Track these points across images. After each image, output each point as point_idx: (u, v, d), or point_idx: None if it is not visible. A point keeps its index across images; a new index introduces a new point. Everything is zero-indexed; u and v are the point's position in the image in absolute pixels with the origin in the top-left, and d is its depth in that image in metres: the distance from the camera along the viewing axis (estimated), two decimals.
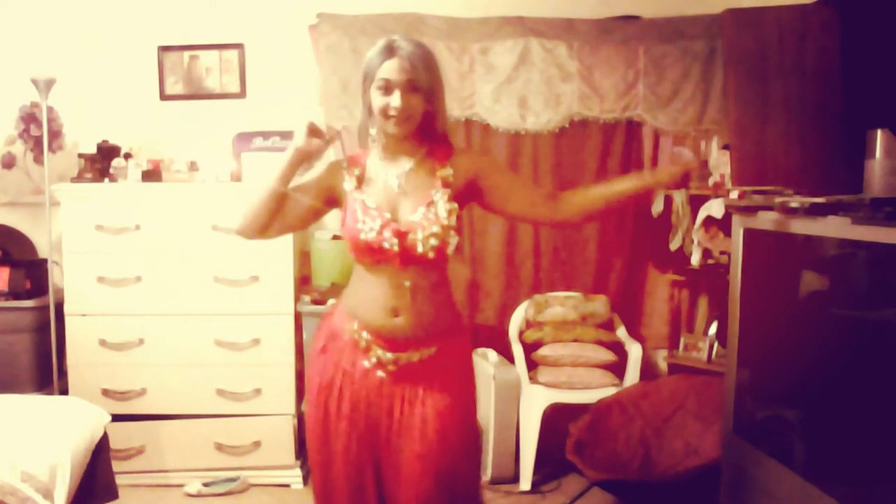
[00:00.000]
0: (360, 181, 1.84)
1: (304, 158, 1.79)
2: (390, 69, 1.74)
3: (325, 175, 1.88)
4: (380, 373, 1.83)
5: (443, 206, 1.78)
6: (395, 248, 1.76)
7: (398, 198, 1.81)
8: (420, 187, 1.81)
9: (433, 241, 1.76)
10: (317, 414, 1.88)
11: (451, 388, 1.85)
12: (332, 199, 1.89)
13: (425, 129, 1.83)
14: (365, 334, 1.83)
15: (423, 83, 1.76)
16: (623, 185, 1.88)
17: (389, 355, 1.82)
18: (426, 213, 1.77)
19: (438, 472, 1.80)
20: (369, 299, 1.83)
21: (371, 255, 1.79)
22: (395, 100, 1.73)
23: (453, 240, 1.79)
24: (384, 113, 1.75)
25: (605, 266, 3.68)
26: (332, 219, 2.75)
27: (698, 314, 3.66)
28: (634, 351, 3.41)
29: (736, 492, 2.46)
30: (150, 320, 3.29)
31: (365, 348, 1.84)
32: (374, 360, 1.83)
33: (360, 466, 1.84)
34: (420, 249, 1.76)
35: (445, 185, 1.81)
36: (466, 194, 1.85)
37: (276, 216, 1.82)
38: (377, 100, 1.76)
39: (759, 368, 2.45)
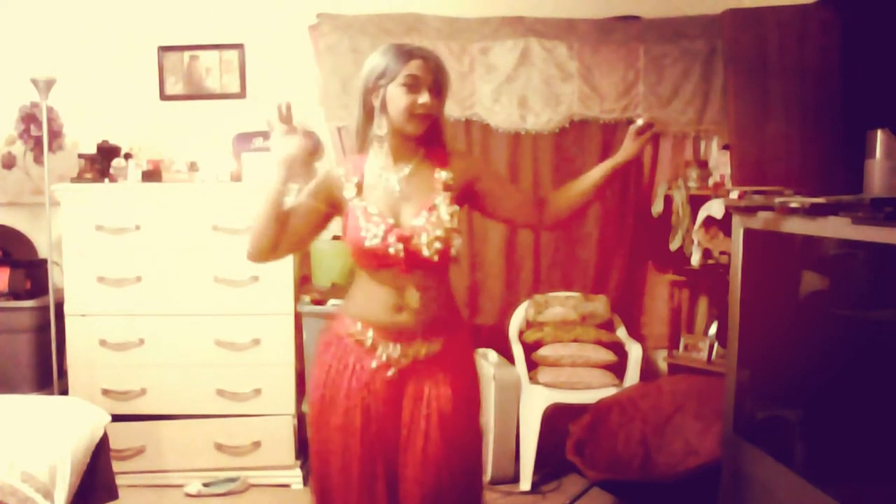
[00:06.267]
0: (360, 188, 1.84)
1: (292, 164, 1.77)
2: (418, 67, 1.75)
3: (321, 184, 1.87)
4: (388, 372, 1.83)
5: (445, 208, 1.79)
6: (401, 254, 1.76)
7: (399, 202, 1.82)
8: (421, 191, 1.82)
9: (437, 245, 1.77)
10: (323, 416, 1.87)
11: (456, 387, 1.85)
12: (334, 206, 1.88)
13: (426, 132, 1.83)
14: (370, 333, 1.83)
15: (444, 86, 1.80)
16: (595, 175, 1.93)
17: (397, 350, 1.82)
18: (429, 217, 1.78)
19: (442, 472, 1.81)
20: (374, 300, 1.83)
21: (376, 261, 1.80)
22: (424, 96, 1.75)
23: (457, 241, 1.81)
24: (410, 111, 1.76)
25: (605, 266, 3.68)
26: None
27: (698, 314, 3.67)
28: (634, 351, 3.40)
29: (736, 492, 2.45)
30: (150, 320, 3.29)
31: (371, 347, 1.83)
32: (382, 357, 1.83)
33: (371, 467, 1.83)
34: (426, 253, 1.77)
35: (446, 188, 1.82)
36: (463, 197, 1.87)
37: (283, 230, 1.81)
38: (401, 98, 1.75)
39: (759, 368, 2.44)
